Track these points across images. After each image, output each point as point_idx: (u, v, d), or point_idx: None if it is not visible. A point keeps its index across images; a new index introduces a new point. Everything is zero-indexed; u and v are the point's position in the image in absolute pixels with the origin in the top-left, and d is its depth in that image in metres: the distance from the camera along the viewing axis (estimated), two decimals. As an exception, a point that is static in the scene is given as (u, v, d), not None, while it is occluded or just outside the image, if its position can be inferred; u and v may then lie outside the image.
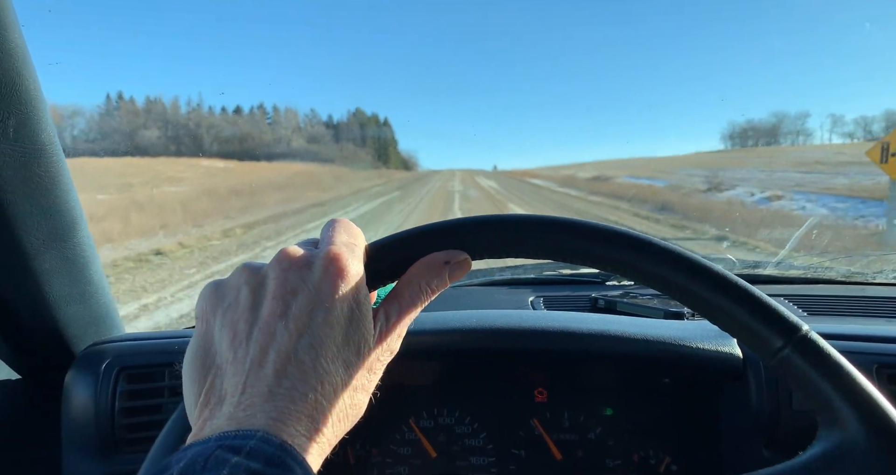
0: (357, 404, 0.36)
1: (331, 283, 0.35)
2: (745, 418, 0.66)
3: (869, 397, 0.36)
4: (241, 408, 0.31)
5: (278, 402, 0.32)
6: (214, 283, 0.38)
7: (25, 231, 0.63)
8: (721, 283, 0.38)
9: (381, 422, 0.77)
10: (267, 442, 0.29)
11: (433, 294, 0.40)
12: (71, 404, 0.72)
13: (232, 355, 0.34)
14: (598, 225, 0.40)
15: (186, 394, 0.36)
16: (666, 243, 0.39)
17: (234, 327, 0.35)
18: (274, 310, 0.35)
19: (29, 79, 0.56)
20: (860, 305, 0.96)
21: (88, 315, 0.77)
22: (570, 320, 0.71)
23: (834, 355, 0.37)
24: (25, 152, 0.59)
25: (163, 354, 0.74)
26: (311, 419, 0.32)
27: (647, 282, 0.40)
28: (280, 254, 0.37)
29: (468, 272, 0.43)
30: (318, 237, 0.41)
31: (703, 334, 0.67)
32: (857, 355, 0.63)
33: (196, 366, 0.35)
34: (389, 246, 0.41)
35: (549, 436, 0.76)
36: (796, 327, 0.37)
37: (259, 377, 0.32)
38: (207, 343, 0.36)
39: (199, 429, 0.32)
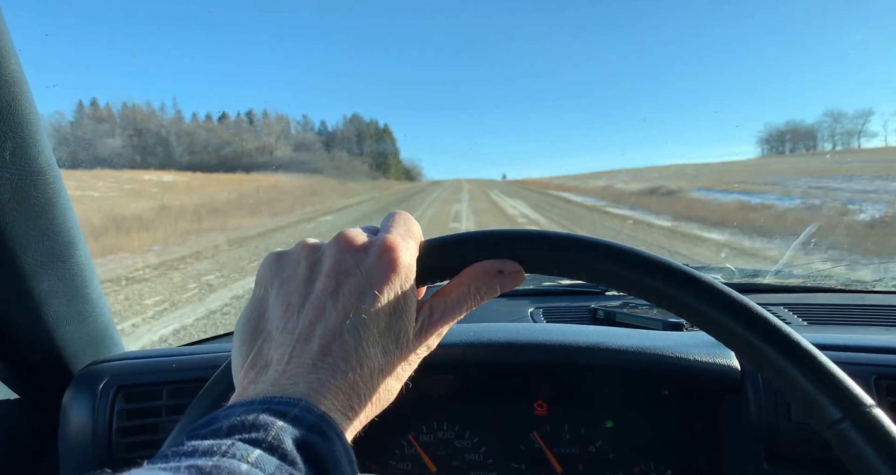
0: (390, 390, 0.37)
1: (383, 271, 0.37)
2: (745, 430, 0.66)
3: None
4: (286, 376, 0.33)
5: (321, 375, 0.33)
6: (277, 254, 0.40)
7: (23, 252, 0.63)
8: (790, 346, 0.36)
9: (381, 438, 0.77)
10: (309, 411, 0.31)
11: (481, 300, 0.41)
12: (69, 424, 0.72)
13: (283, 324, 0.36)
14: (662, 260, 0.39)
15: (235, 354, 0.38)
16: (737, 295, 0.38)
17: (289, 298, 0.37)
18: (326, 287, 0.36)
19: (25, 103, 0.57)
20: (859, 314, 0.95)
21: (87, 334, 0.77)
22: (569, 333, 0.71)
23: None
24: (23, 175, 0.59)
25: (161, 373, 0.74)
26: (348, 397, 0.34)
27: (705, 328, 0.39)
28: (340, 236, 0.39)
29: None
30: (378, 225, 0.42)
31: (701, 345, 0.67)
32: (856, 366, 0.63)
33: (248, 329, 0.37)
34: (445, 245, 0.41)
35: (549, 449, 0.75)
36: (860, 402, 0.35)
37: (305, 350, 0.34)
38: (262, 309, 0.38)
39: (242, 390, 0.34)
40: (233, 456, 0.27)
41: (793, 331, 0.37)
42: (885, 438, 0.35)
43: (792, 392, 0.37)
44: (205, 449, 0.28)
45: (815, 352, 0.36)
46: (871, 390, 0.62)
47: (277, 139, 46.57)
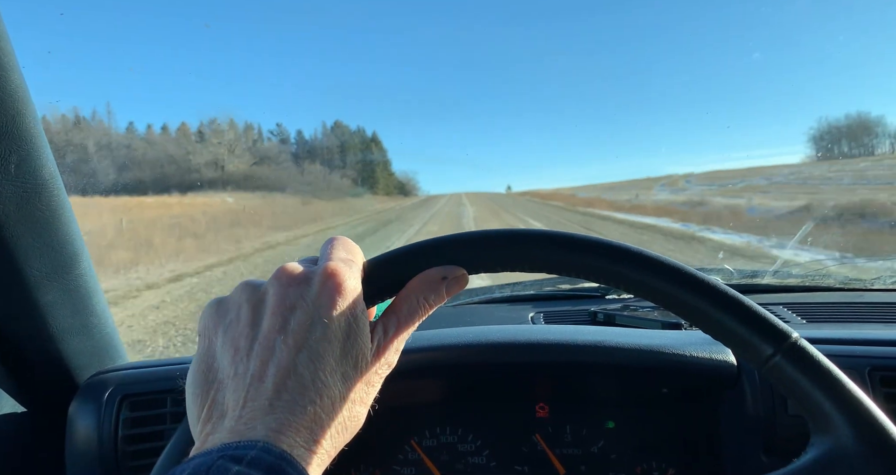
0: (355, 416, 0.37)
1: (328, 298, 0.36)
2: (743, 425, 0.66)
3: (859, 402, 0.36)
4: (243, 422, 0.32)
5: (278, 415, 0.32)
6: (217, 301, 0.39)
7: (28, 265, 0.64)
8: (710, 292, 0.39)
9: (384, 443, 0.78)
10: (268, 451, 0.30)
11: (430, 309, 0.41)
12: (74, 434, 0.73)
13: (233, 370, 0.35)
14: (590, 238, 0.41)
15: (189, 409, 0.37)
16: (658, 254, 0.40)
17: (236, 343, 0.36)
18: (273, 325, 0.36)
19: (29, 117, 0.58)
20: (857, 311, 0.96)
21: (92, 346, 0.78)
22: (568, 332, 0.72)
23: (824, 362, 0.37)
24: (27, 188, 0.60)
25: (165, 381, 0.75)
26: (311, 431, 0.33)
27: (639, 293, 0.41)
28: (279, 271, 0.38)
29: (467, 289, 0.43)
30: (318, 255, 0.42)
31: (697, 343, 0.68)
32: (851, 358, 0.63)
33: (199, 381, 0.36)
34: (387, 262, 0.42)
35: (551, 450, 0.76)
36: (786, 335, 0.37)
37: (259, 391, 0.33)
38: (210, 359, 0.37)
39: (201, 443, 0.33)
40: None
41: (719, 282, 0.39)
42: (812, 364, 0.37)
43: (729, 340, 0.39)
44: None
45: (738, 297, 0.38)
46: (866, 381, 0.62)
47: (231, 151, 36.23)
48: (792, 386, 0.37)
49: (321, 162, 52.69)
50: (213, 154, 33.70)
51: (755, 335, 0.38)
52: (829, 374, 0.37)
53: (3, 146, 0.56)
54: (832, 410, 0.36)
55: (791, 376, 0.37)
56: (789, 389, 0.38)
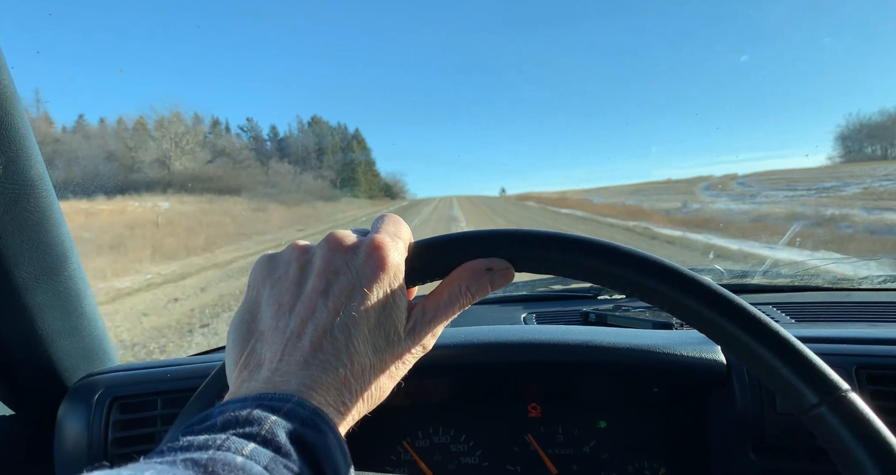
0: (382, 387, 0.38)
1: (371, 269, 0.38)
2: (733, 423, 0.66)
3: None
4: (279, 374, 0.34)
5: (312, 372, 0.34)
6: (268, 256, 0.41)
7: (16, 266, 0.64)
8: (765, 333, 0.37)
9: (377, 444, 0.78)
10: (302, 406, 0.32)
11: (473, 299, 0.41)
12: (64, 436, 0.72)
13: (274, 324, 0.37)
14: (647, 256, 0.40)
15: (229, 354, 0.38)
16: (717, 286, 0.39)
17: (280, 299, 0.38)
18: (316, 287, 0.37)
19: (17, 118, 0.58)
20: (846, 310, 0.97)
21: (81, 348, 0.78)
22: (559, 332, 0.72)
23: (872, 420, 0.35)
24: (15, 189, 0.60)
25: (155, 383, 0.74)
26: (339, 392, 0.34)
27: (685, 318, 0.40)
28: (329, 236, 0.40)
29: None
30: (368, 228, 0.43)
31: (687, 342, 0.68)
32: (838, 357, 0.64)
33: (241, 330, 0.38)
34: (434, 245, 0.42)
35: (543, 450, 0.76)
36: (836, 386, 0.36)
37: (296, 347, 0.35)
38: (254, 310, 0.38)
39: (236, 389, 0.34)
40: (227, 449, 0.28)
41: (770, 320, 0.37)
42: (859, 420, 0.35)
43: (771, 379, 0.38)
44: (200, 443, 0.28)
45: (791, 340, 0.37)
46: (852, 379, 0.63)
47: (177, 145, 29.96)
48: (833, 438, 0.36)
49: (294, 161, 46.50)
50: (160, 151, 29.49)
51: (802, 382, 0.36)
52: (877, 434, 0.35)
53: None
54: (872, 470, 0.34)
55: (834, 429, 0.35)
56: (828, 441, 0.36)
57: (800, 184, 21.85)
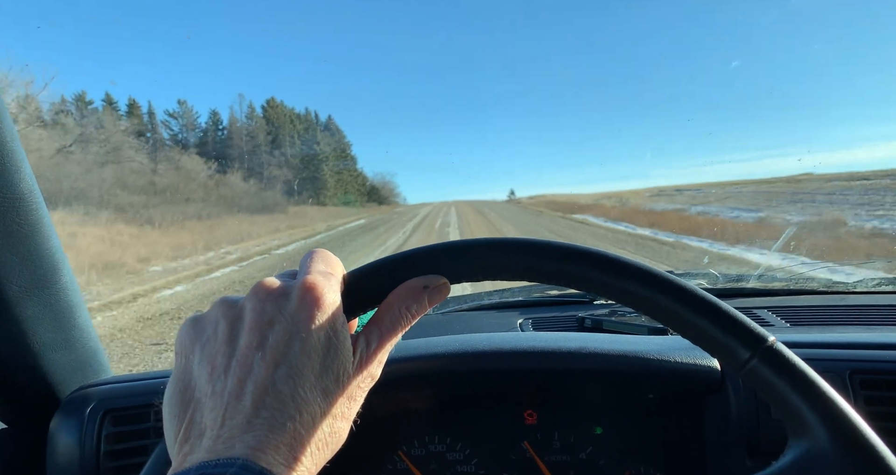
0: (337, 432, 0.36)
1: (307, 312, 0.36)
2: (728, 428, 0.66)
3: (835, 405, 0.36)
4: (221, 441, 0.32)
5: (257, 432, 0.32)
6: (193, 318, 0.39)
7: (7, 279, 0.63)
8: (687, 297, 0.39)
9: (372, 454, 0.77)
10: (247, 469, 0.30)
11: (413, 319, 0.41)
12: (56, 450, 0.72)
13: (210, 389, 0.34)
14: (569, 245, 0.42)
15: (167, 429, 0.36)
16: (634, 260, 0.41)
17: (213, 361, 0.35)
18: (251, 341, 0.35)
19: (5, 130, 0.57)
20: (840, 314, 0.97)
21: (75, 360, 0.77)
22: (553, 340, 0.72)
23: (799, 365, 0.37)
24: (5, 202, 0.60)
25: (148, 395, 0.74)
26: (290, 448, 0.33)
27: (618, 299, 0.41)
28: (257, 286, 0.38)
29: (455, 296, 0.43)
30: (297, 269, 0.41)
31: (682, 348, 0.68)
32: (831, 362, 0.64)
33: (176, 401, 0.35)
34: (367, 273, 0.42)
35: (540, 458, 0.76)
36: (762, 338, 0.37)
37: (238, 409, 0.33)
38: (187, 378, 0.36)
39: (179, 464, 0.32)
40: None
41: (696, 287, 0.39)
42: (789, 367, 0.37)
43: (706, 344, 0.40)
44: None
45: (715, 302, 0.39)
46: (847, 385, 0.63)
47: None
48: (769, 389, 0.38)
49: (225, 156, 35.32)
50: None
51: (732, 339, 0.38)
52: (805, 377, 0.37)
53: None
54: (808, 413, 0.37)
55: (768, 379, 0.37)
56: (767, 392, 0.38)
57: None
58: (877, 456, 0.35)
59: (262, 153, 38.74)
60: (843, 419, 0.36)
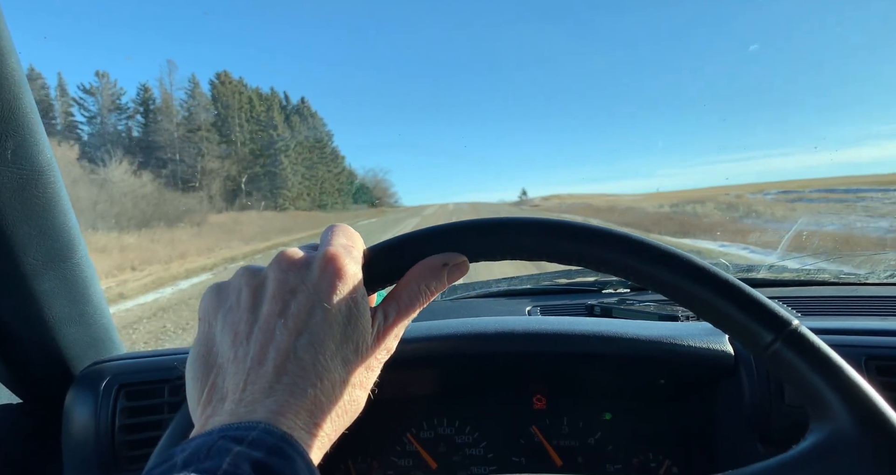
0: (355, 400, 0.37)
1: (328, 283, 0.36)
2: (740, 414, 0.66)
3: (858, 388, 0.36)
4: (243, 405, 0.32)
5: (278, 397, 0.33)
6: (217, 286, 0.39)
7: (24, 253, 0.64)
8: (711, 280, 0.39)
9: (382, 435, 0.78)
10: (269, 433, 0.30)
11: (431, 295, 0.41)
12: (71, 424, 0.73)
13: (233, 354, 0.35)
14: (591, 226, 0.42)
15: (189, 393, 0.36)
16: (659, 244, 0.40)
17: (235, 327, 0.36)
18: (273, 309, 0.36)
19: (26, 102, 0.58)
20: (853, 305, 0.96)
21: (88, 335, 0.78)
22: (564, 323, 0.72)
23: (823, 348, 0.37)
24: (24, 175, 0.60)
25: (162, 371, 0.75)
26: (311, 413, 0.33)
27: (641, 281, 0.41)
28: (280, 256, 0.39)
29: (465, 283, 0.43)
30: (318, 242, 0.42)
31: (694, 333, 0.68)
32: (847, 348, 0.64)
33: (198, 366, 0.36)
34: (388, 249, 0.42)
35: (548, 442, 0.76)
36: (787, 322, 0.37)
37: (259, 374, 0.33)
38: (210, 343, 0.37)
39: (201, 426, 0.33)
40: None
41: (717, 269, 0.39)
42: (813, 350, 0.37)
43: (728, 326, 0.40)
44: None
45: (740, 285, 0.39)
46: (862, 370, 0.63)
47: None
48: (791, 372, 0.38)
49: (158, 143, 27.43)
50: None
51: (755, 322, 0.38)
52: (829, 361, 0.37)
53: (0, 131, 0.56)
54: (831, 396, 0.37)
55: (791, 362, 0.37)
56: (789, 376, 0.38)
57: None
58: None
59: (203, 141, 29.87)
60: (867, 402, 0.36)
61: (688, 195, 31.13)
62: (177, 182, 26.03)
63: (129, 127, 30.85)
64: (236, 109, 32.90)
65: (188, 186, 25.48)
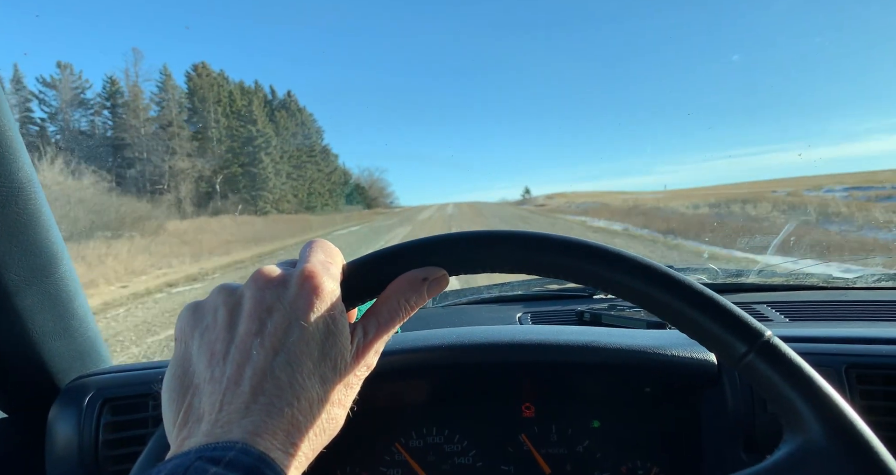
0: (334, 418, 0.37)
1: (306, 300, 0.36)
2: (724, 423, 0.67)
3: (829, 400, 0.37)
4: (219, 425, 0.32)
5: (255, 417, 0.32)
6: (193, 305, 0.39)
7: (6, 269, 0.64)
8: (684, 291, 0.39)
9: (370, 444, 0.77)
10: (246, 453, 0.30)
11: (412, 310, 0.41)
12: (55, 439, 0.72)
13: (209, 374, 0.35)
14: (567, 238, 0.42)
15: (165, 414, 0.36)
16: (634, 254, 0.41)
17: (212, 347, 0.36)
18: (250, 328, 0.35)
19: (4, 119, 0.57)
20: (840, 310, 0.97)
21: (74, 349, 0.78)
22: (552, 333, 0.72)
23: (795, 359, 0.38)
24: (4, 191, 0.60)
25: (146, 385, 0.74)
26: (288, 433, 0.33)
27: (616, 293, 0.41)
28: (256, 274, 0.38)
29: (455, 290, 0.44)
30: (297, 258, 0.41)
31: (679, 342, 0.68)
32: (828, 356, 0.64)
33: (174, 386, 0.36)
34: (367, 264, 0.42)
35: (537, 450, 0.76)
36: (759, 333, 0.38)
37: (236, 394, 0.33)
38: (186, 363, 0.36)
39: (177, 447, 0.32)
40: None
41: (693, 282, 0.40)
42: (784, 362, 0.38)
43: (704, 338, 0.40)
44: None
45: (714, 297, 0.39)
46: (843, 379, 0.63)
47: None
48: (765, 383, 0.38)
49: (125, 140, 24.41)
50: None
51: (729, 333, 0.38)
52: (801, 372, 0.37)
53: None
54: (803, 407, 0.37)
55: (764, 374, 0.38)
56: (763, 387, 0.38)
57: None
58: (871, 450, 0.36)
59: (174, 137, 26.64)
60: (837, 414, 0.36)
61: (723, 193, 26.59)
62: (144, 184, 23.12)
63: (93, 124, 28.03)
64: (213, 103, 29.66)
65: (155, 188, 22.75)
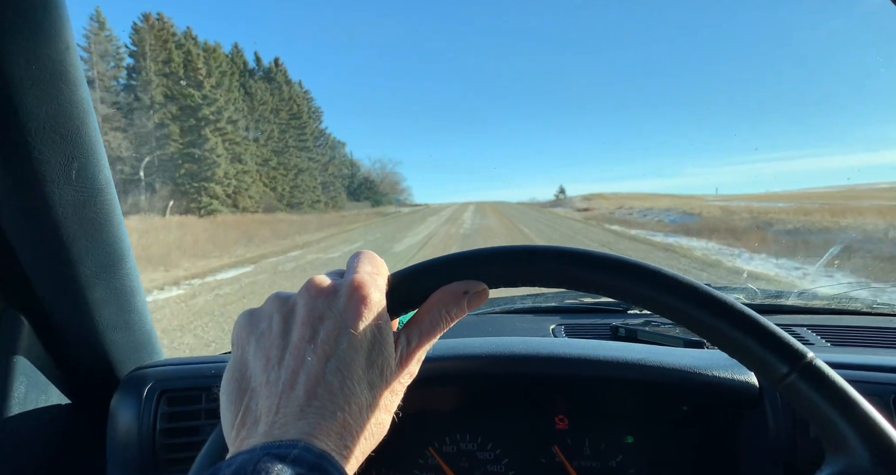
0: (381, 423, 0.39)
1: (355, 310, 0.38)
2: (763, 446, 0.66)
3: (874, 423, 0.37)
4: (277, 427, 0.34)
5: (310, 420, 0.34)
6: (249, 312, 0.41)
7: (81, 263, 0.69)
8: (727, 311, 0.40)
9: (405, 449, 0.79)
10: (308, 451, 0.32)
11: (452, 321, 0.43)
12: (116, 425, 0.77)
13: (265, 379, 0.37)
14: (607, 255, 0.43)
15: (224, 416, 0.38)
16: (675, 273, 0.42)
17: (267, 353, 0.38)
18: (303, 335, 0.37)
19: (91, 127, 0.62)
20: (885, 337, 0.95)
21: (132, 341, 0.82)
22: (589, 347, 0.73)
23: (838, 382, 0.38)
24: (85, 193, 0.65)
25: (201, 378, 0.78)
26: (341, 436, 0.35)
27: (657, 310, 0.42)
28: (308, 283, 0.41)
29: (490, 299, 0.46)
30: (344, 268, 0.44)
31: (719, 362, 0.68)
32: (874, 385, 0.64)
33: (232, 389, 0.38)
34: (411, 275, 0.44)
35: (569, 462, 0.77)
36: (801, 354, 0.38)
37: (291, 398, 0.35)
38: (243, 368, 0.39)
39: (237, 448, 0.34)
40: None
41: (735, 301, 0.40)
42: (827, 383, 0.38)
43: (744, 357, 0.40)
44: None
45: (756, 317, 0.39)
46: (890, 408, 0.62)
47: None
48: (807, 405, 0.38)
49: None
50: None
51: (771, 354, 0.39)
52: (844, 394, 0.38)
53: (67, 153, 0.61)
54: (847, 430, 0.37)
55: (806, 395, 0.38)
56: (804, 408, 0.39)
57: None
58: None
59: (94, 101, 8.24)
60: (883, 437, 0.37)
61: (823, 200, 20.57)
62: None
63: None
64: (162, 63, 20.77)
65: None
